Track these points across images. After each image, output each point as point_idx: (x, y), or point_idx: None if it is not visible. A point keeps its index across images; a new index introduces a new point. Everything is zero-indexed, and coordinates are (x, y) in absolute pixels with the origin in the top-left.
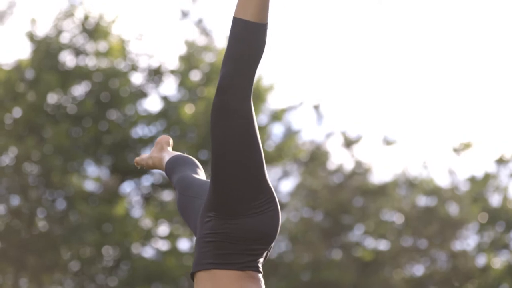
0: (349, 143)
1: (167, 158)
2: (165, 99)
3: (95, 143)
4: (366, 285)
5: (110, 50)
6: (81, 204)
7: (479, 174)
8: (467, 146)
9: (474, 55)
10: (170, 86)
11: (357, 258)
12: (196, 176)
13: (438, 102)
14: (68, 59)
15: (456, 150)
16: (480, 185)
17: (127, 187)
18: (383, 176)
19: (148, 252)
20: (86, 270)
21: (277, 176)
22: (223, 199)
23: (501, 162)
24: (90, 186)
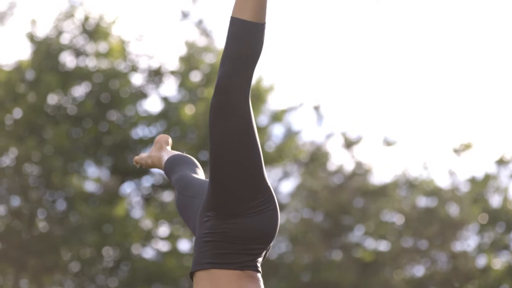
0: (349, 144)
1: (166, 157)
2: (165, 100)
3: (95, 144)
4: (367, 285)
5: (110, 51)
6: (81, 205)
7: (479, 174)
8: (467, 146)
9: (474, 56)
10: (170, 87)
11: (357, 258)
12: (195, 175)
13: (438, 102)
14: (68, 60)
15: (456, 151)
16: (480, 186)
17: (127, 188)
18: (383, 177)
19: (148, 253)
20: (87, 271)
21: (277, 176)
22: (222, 199)
23: (501, 162)
24: (91, 187)
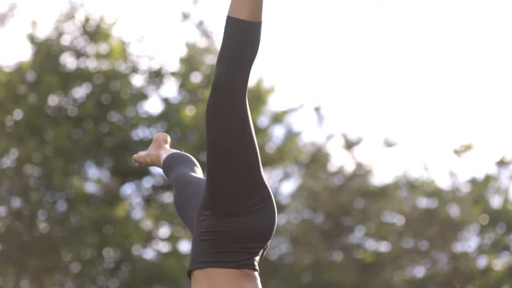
0: (349, 145)
1: (165, 156)
2: (165, 101)
3: (96, 145)
4: (367, 286)
5: (111, 52)
6: (82, 206)
7: (480, 175)
8: (468, 147)
9: (475, 57)
10: (170, 88)
11: (358, 259)
12: (193, 174)
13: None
14: (69, 61)
15: (456, 152)
16: (481, 186)
17: (128, 189)
18: (384, 178)
19: (148, 253)
20: (87, 271)
21: (278, 178)
22: (219, 198)
23: (501, 163)
24: (91, 188)
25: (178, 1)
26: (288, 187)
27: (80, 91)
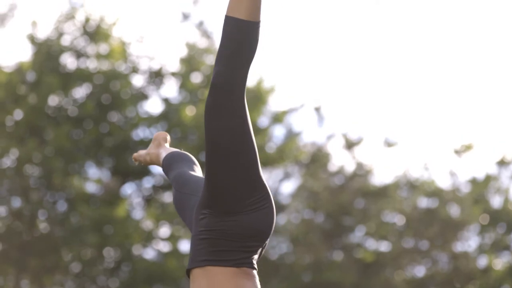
0: (350, 145)
1: (164, 155)
2: (166, 101)
3: (96, 145)
4: (367, 286)
5: (111, 52)
6: (82, 206)
7: (480, 175)
8: (468, 147)
9: (475, 56)
10: (171, 88)
11: (358, 259)
12: (192, 173)
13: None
14: (69, 62)
15: (457, 152)
16: (481, 186)
17: (128, 189)
18: (384, 177)
19: (149, 253)
20: (87, 271)
21: (278, 177)
22: (218, 197)
23: (502, 163)
24: (91, 188)
25: (178, 1)
26: (288, 187)
27: (80, 91)
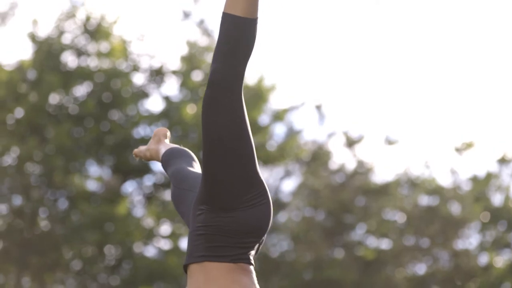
0: (351, 143)
1: (164, 150)
2: (166, 100)
3: (97, 143)
4: (368, 283)
5: (112, 50)
6: (83, 203)
7: (481, 173)
8: (469, 145)
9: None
10: (171, 87)
11: (359, 257)
12: (191, 169)
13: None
14: (70, 60)
15: (458, 150)
16: (482, 184)
17: (129, 187)
18: (385, 175)
19: (150, 251)
20: (88, 269)
21: (279, 175)
22: (215, 193)
23: (503, 161)
24: (92, 186)
25: None
26: (289, 185)
27: (81, 90)
